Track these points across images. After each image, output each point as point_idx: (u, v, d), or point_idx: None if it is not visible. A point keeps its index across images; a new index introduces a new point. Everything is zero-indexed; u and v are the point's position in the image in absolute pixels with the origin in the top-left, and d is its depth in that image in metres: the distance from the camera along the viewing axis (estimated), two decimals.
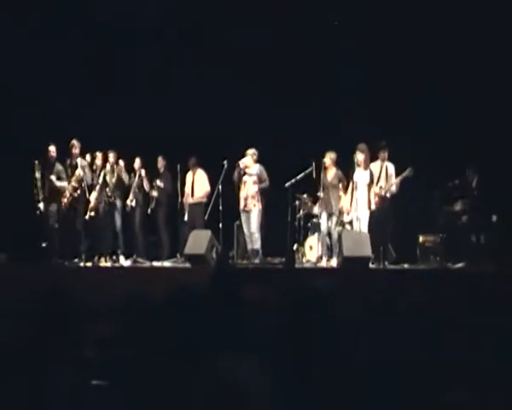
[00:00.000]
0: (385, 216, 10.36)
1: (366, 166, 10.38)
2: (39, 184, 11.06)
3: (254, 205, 10.68)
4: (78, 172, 10.94)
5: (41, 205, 11.06)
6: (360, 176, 10.40)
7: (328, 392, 2.45)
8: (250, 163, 10.77)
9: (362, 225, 10.24)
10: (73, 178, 11.02)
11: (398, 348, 2.70)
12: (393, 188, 10.44)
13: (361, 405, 2.54)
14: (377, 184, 10.47)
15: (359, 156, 10.34)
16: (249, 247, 10.74)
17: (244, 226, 10.83)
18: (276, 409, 2.46)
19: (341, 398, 2.48)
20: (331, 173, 10.72)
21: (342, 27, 11.88)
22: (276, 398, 2.46)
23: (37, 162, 11.03)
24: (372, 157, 10.53)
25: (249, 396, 2.42)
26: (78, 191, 10.99)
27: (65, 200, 11.04)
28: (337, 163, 10.70)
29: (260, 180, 10.72)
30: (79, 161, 11.00)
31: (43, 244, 11.04)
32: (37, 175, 11.06)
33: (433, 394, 2.60)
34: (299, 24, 11.87)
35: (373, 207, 10.35)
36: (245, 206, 10.75)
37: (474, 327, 2.90)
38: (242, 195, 10.78)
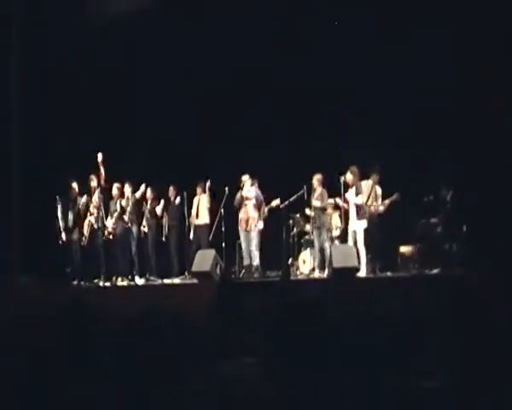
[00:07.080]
0: (373, 231, 10.29)
1: (354, 185, 10.32)
2: (61, 216, 11.08)
3: (255, 226, 10.68)
4: (94, 198, 10.98)
5: (63, 235, 11.06)
6: (351, 194, 10.36)
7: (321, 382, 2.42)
8: (249, 188, 10.79)
9: (358, 237, 10.16)
10: (91, 205, 11.02)
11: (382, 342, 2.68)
12: (381, 208, 10.38)
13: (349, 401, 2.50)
14: (366, 203, 10.35)
15: (351, 177, 10.25)
16: (246, 262, 10.71)
17: (243, 244, 10.80)
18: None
19: (332, 391, 2.45)
20: (317, 193, 10.71)
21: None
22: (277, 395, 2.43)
23: (58, 197, 11.09)
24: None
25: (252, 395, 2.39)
26: (93, 220, 10.95)
27: (86, 228, 11.04)
28: (323, 184, 10.67)
29: (257, 201, 10.73)
30: (97, 192, 11.05)
31: (67, 269, 11.05)
32: (59, 208, 11.09)
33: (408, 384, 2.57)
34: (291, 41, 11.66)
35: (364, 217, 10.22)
36: (246, 226, 10.72)
37: (449, 323, 2.91)
38: (243, 216, 10.76)
